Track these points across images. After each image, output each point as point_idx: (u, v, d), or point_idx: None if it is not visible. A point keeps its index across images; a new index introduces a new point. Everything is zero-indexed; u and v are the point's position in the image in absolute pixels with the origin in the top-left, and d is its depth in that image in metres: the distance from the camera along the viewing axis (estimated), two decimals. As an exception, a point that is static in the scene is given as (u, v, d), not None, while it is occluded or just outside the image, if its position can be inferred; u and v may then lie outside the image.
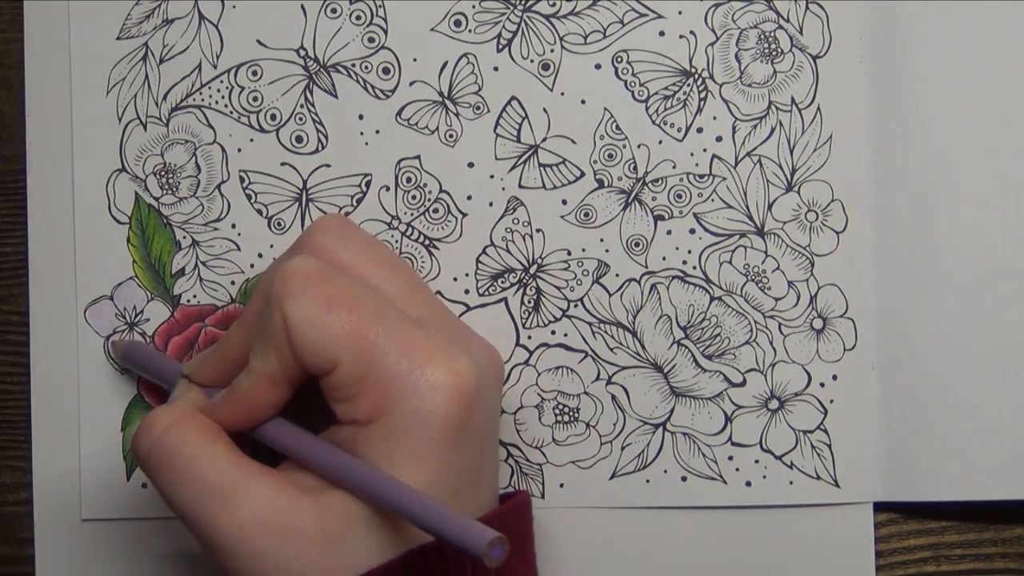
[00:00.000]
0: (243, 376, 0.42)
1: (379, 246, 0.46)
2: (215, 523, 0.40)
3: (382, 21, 0.49)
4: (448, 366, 0.40)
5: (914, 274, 0.48)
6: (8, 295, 0.50)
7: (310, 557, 0.40)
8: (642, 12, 0.49)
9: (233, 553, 0.40)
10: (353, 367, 0.40)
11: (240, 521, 0.40)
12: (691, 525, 0.49)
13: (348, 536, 0.40)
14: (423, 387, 0.40)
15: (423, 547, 0.40)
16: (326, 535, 0.40)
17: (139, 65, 0.49)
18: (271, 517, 0.40)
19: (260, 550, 0.40)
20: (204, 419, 0.43)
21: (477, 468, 0.42)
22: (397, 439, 0.40)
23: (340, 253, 0.44)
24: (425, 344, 0.41)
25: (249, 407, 0.42)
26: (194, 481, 0.41)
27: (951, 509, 0.49)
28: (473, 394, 0.41)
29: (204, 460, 0.41)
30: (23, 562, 0.50)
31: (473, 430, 0.41)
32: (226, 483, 0.41)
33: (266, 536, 0.40)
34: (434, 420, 0.40)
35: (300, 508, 0.40)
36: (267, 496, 0.40)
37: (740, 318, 0.49)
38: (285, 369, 0.41)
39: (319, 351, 0.40)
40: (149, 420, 0.42)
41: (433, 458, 0.40)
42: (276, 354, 0.41)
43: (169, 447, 0.42)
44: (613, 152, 0.49)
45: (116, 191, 0.50)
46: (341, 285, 0.41)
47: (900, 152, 0.48)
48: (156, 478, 0.42)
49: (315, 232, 0.44)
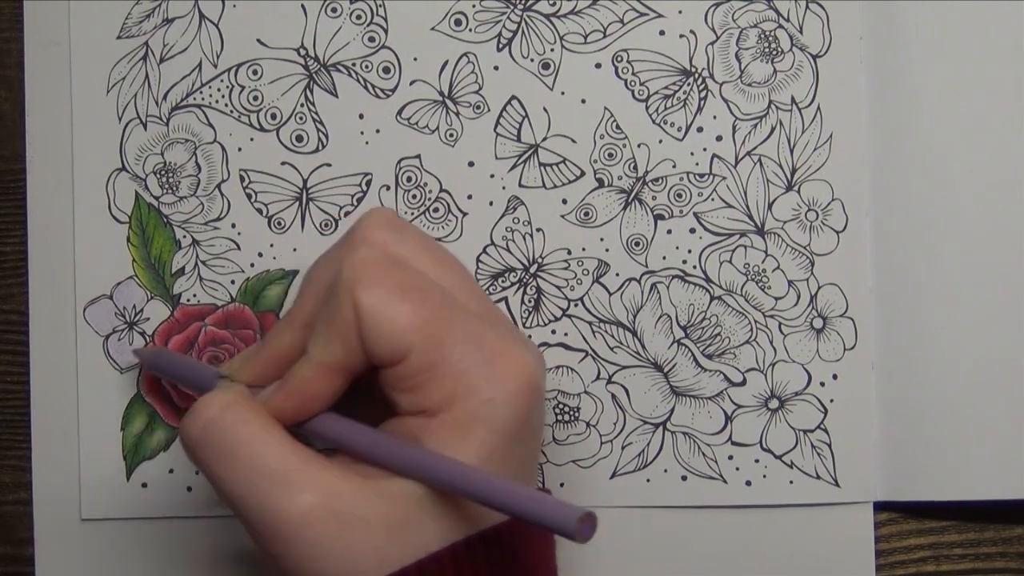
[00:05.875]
0: (301, 365, 0.41)
1: (431, 240, 0.45)
2: (275, 508, 0.39)
3: (382, 20, 0.49)
4: (519, 359, 0.40)
5: (914, 274, 0.48)
6: (8, 295, 0.50)
7: (373, 543, 0.39)
8: (642, 11, 0.49)
9: (292, 540, 0.39)
10: (425, 355, 0.40)
11: (302, 507, 0.39)
12: (691, 525, 0.49)
13: (410, 522, 0.39)
14: (496, 378, 0.40)
15: (484, 531, 0.40)
16: (389, 521, 0.39)
17: (139, 64, 0.49)
18: (334, 504, 0.39)
19: (321, 537, 0.39)
20: (259, 405, 0.42)
21: (530, 463, 0.42)
22: (467, 428, 0.40)
23: (397, 247, 0.43)
24: (494, 337, 0.41)
25: (306, 398, 0.41)
26: (252, 464, 0.40)
27: (951, 509, 0.49)
28: (540, 389, 0.41)
29: (263, 442, 0.40)
30: (23, 562, 0.50)
31: (534, 424, 0.41)
32: (287, 467, 0.40)
33: (329, 523, 0.39)
34: (506, 411, 0.40)
35: (364, 495, 0.39)
36: (330, 482, 0.39)
37: (740, 318, 0.49)
38: (348, 358, 0.40)
39: (393, 339, 0.40)
40: (201, 403, 0.41)
41: (501, 449, 0.40)
42: (342, 342, 0.40)
43: (225, 429, 0.40)
44: (613, 151, 0.49)
45: (116, 190, 0.50)
46: (411, 275, 0.41)
47: (900, 152, 0.48)
48: (208, 461, 0.41)
49: (368, 226, 0.43)
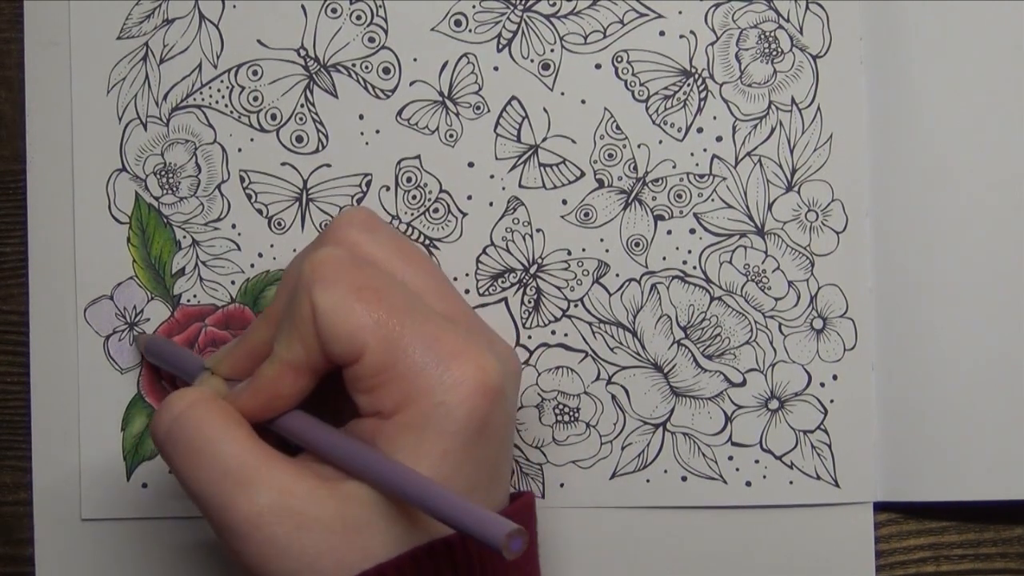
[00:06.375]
0: (266, 364, 0.42)
1: (405, 241, 0.45)
2: (232, 507, 0.40)
3: (382, 21, 0.49)
4: (475, 362, 0.40)
5: (914, 274, 0.48)
6: (8, 295, 0.50)
7: (326, 545, 0.39)
8: (642, 12, 0.49)
9: (248, 538, 0.40)
10: (379, 357, 0.40)
11: (258, 506, 0.40)
12: (691, 525, 0.49)
13: (365, 526, 0.40)
14: (449, 381, 0.40)
15: (432, 543, 0.40)
16: (344, 524, 0.40)
17: (139, 65, 0.49)
18: (289, 504, 0.40)
19: (276, 536, 0.39)
20: (225, 403, 0.42)
21: (495, 466, 0.42)
22: (420, 432, 0.40)
23: (368, 246, 0.43)
24: (452, 339, 0.41)
25: (271, 396, 0.42)
26: (212, 463, 0.41)
27: (951, 509, 0.49)
28: (498, 391, 0.41)
29: (224, 442, 0.41)
30: (23, 562, 0.50)
31: (494, 428, 0.41)
32: (245, 467, 0.40)
33: (283, 523, 0.39)
34: (459, 414, 0.40)
35: (319, 496, 0.40)
36: (286, 483, 0.40)
37: (740, 318, 0.49)
38: (310, 357, 0.41)
39: (346, 339, 0.40)
40: (170, 400, 0.42)
41: (455, 453, 0.40)
42: (301, 342, 0.41)
43: (189, 427, 0.41)
44: (613, 152, 0.49)
45: (116, 191, 0.50)
46: (371, 276, 0.41)
47: (900, 152, 0.48)
48: (173, 458, 0.42)
49: (342, 225, 0.44)
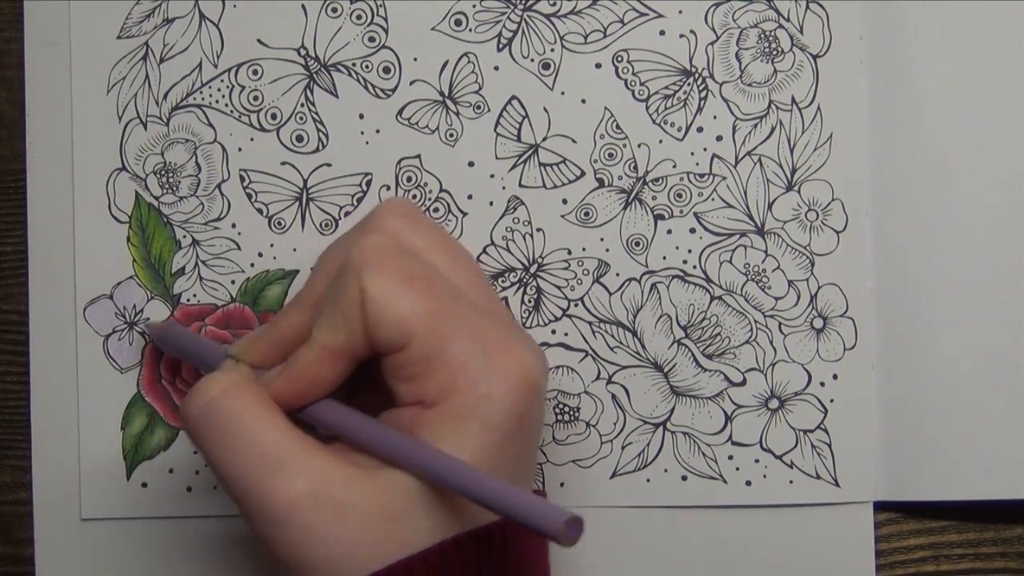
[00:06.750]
0: (304, 349, 0.41)
1: (445, 233, 0.45)
2: (269, 492, 0.39)
3: (382, 20, 0.49)
4: (518, 357, 0.40)
5: (914, 274, 0.48)
6: (8, 295, 0.50)
7: (364, 533, 0.39)
8: (642, 11, 0.49)
9: (284, 524, 0.39)
10: (426, 345, 0.40)
11: (296, 492, 0.39)
12: (691, 525, 0.49)
13: (403, 514, 0.39)
14: (495, 373, 0.40)
15: (476, 530, 0.40)
16: (381, 512, 0.39)
17: (139, 64, 0.49)
18: (328, 491, 0.39)
19: (313, 523, 0.39)
20: (260, 389, 0.42)
21: (527, 462, 0.42)
22: (463, 422, 0.40)
23: (409, 236, 0.43)
24: (496, 332, 0.41)
25: (308, 382, 0.41)
26: (249, 447, 0.40)
27: (951, 509, 0.49)
28: (539, 386, 0.41)
29: (261, 426, 0.40)
30: (23, 562, 0.50)
31: (532, 423, 0.41)
32: (283, 452, 0.40)
33: (321, 509, 0.39)
34: (503, 407, 0.40)
35: (357, 484, 0.39)
36: (325, 469, 0.40)
37: (740, 317, 0.49)
38: (352, 343, 0.41)
39: (395, 325, 0.40)
40: (203, 383, 0.42)
41: (496, 446, 0.40)
42: (346, 327, 0.40)
43: (224, 410, 0.41)
44: (613, 151, 0.49)
45: (116, 190, 0.50)
46: (419, 265, 0.41)
47: (900, 152, 0.48)
48: (207, 442, 0.41)
49: (384, 214, 0.43)
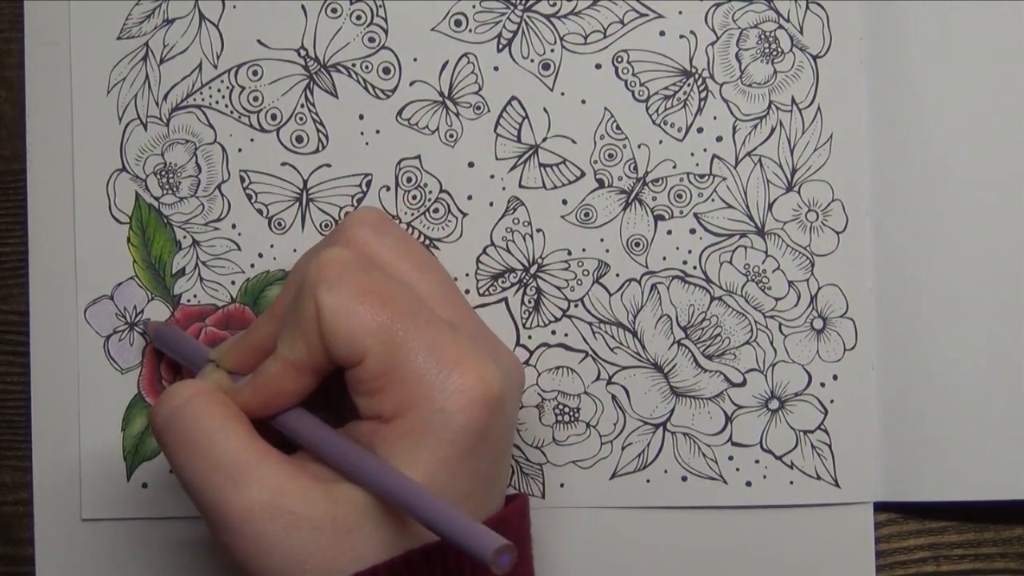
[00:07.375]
0: (269, 362, 0.42)
1: (414, 244, 0.45)
2: (224, 501, 0.40)
3: (382, 21, 0.49)
4: (476, 371, 0.40)
5: (914, 274, 0.48)
6: (8, 295, 0.50)
7: (316, 545, 0.40)
8: (642, 12, 0.49)
9: (238, 533, 0.40)
10: (380, 360, 0.40)
11: (249, 502, 0.40)
12: (691, 525, 0.49)
13: (356, 528, 0.40)
14: (449, 389, 0.40)
15: (426, 547, 0.40)
16: (334, 525, 0.40)
17: (139, 65, 0.49)
18: (281, 502, 0.40)
19: (266, 533, 0.40)
20: (225, 398, 0.42)
21: (491, 474, 0.42)
22: (418, 437, 0.40)
23: (376, 248, 0.43)
24: (455, 347, 0.41)
25: (272, 393, 0.42)
26: (208, 456, 0.41)
27: (951, 509, 0.49)
28: (497, 402, 0.41)
29: (221, 436, 0.41)
30: (23, 562, 0.50)
31: (493, 437, 0.41)
32: (239, 463, 0.40)
33: (274, 520, 0.40)
34: (457, 423, 0.40)
35: (311, 496, 0.40)
36: (279, 481, 0.40)
37: (740, 318, 0.49)
38: (312, 357, 0.41)
39: (348, 340, 0.40)
40: (171, 391, 0.42)
41: (451, 461, 0.40)
42: (304, 341, 0.41)
43: (187, 419, 0.41)
44: (613, 152, 0.49)
45: (116, 191, 0.50)
46: (376, 279, 0.41)
47: (900, 152, 0.48)
48: (170, 449, 0.42)
49: (352, 224, 0.44)
